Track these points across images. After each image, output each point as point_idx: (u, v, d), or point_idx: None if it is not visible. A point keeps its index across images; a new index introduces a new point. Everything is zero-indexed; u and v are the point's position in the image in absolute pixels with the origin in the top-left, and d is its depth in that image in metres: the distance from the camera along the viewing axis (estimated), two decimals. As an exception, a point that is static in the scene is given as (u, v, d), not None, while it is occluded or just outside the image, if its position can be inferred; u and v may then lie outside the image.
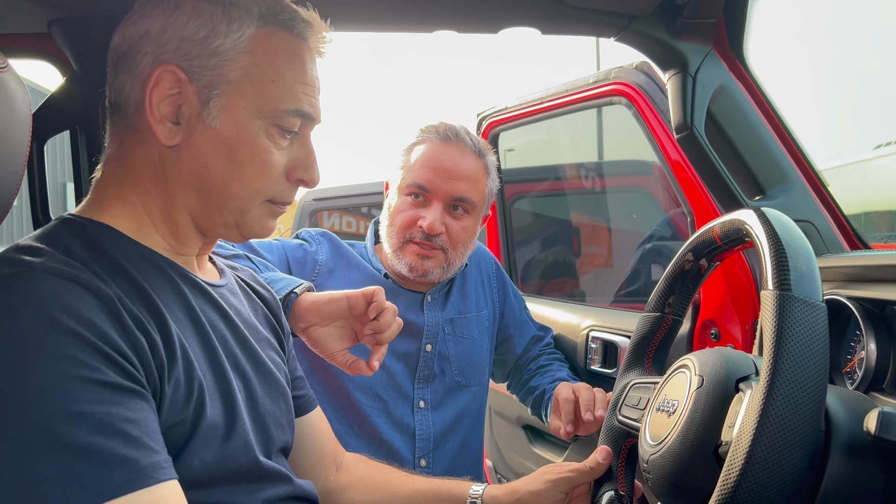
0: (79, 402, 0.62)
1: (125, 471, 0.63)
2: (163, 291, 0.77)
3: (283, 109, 0.80)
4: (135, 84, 0.78)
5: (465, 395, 1.56)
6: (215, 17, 0.77)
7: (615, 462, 1.07)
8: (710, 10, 1.24)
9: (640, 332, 1.11)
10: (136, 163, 0.80)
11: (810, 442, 0.68)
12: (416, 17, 1.26)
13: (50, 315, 0.64)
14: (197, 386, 0.75)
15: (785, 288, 0.72)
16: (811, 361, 0.69)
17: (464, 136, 1.48)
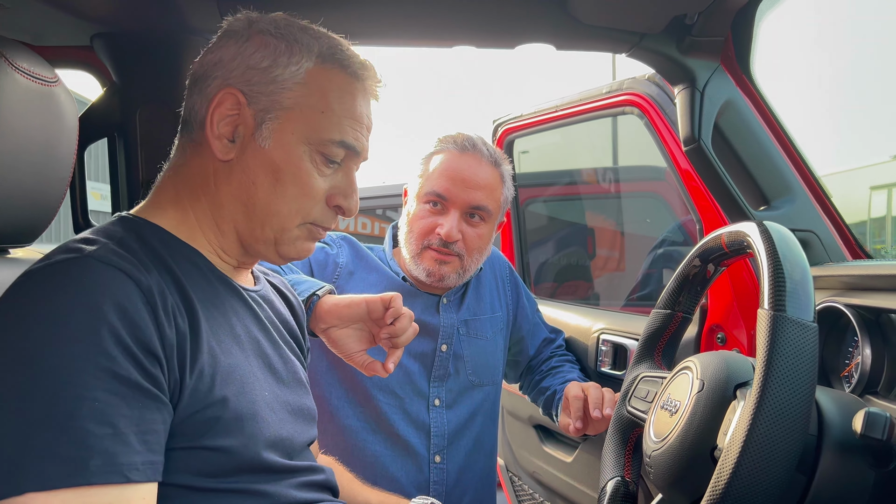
0: (86, 386, 0.66)
1: (103, 462, 0.66)
2: (199, 289, 0.83)
3: (328, 139, 0.87)
4: (203, 103, 0.86)
5: (478, 393, 1.61)
6: (279, 50, 0.85)
7: (623, 450, 1.13)
8: (718, 29, 1.29)
9: (650, 327, 1.16)
10: (193, 173, 0.88)
11: (795, 454, 0.74)
12: (437, 33, 1.32)
13: (90, 300, 0.69)
14: (220, 379, 0.79)
15: (779, 308, 0.77)
16: (798, 380, 0.74)
17: (480, 146, 1.53)
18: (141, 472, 0.69)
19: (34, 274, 0.73)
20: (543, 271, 2.91)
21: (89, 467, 0.65)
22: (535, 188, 2.97)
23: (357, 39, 1.34)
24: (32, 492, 0.63)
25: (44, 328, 0.67)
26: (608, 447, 1.16)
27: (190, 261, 0.85)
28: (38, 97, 0.97)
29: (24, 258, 1.05)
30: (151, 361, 0.72)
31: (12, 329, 0.68)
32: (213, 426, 0.78)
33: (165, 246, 0.83)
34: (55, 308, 0.68)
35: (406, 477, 1.51)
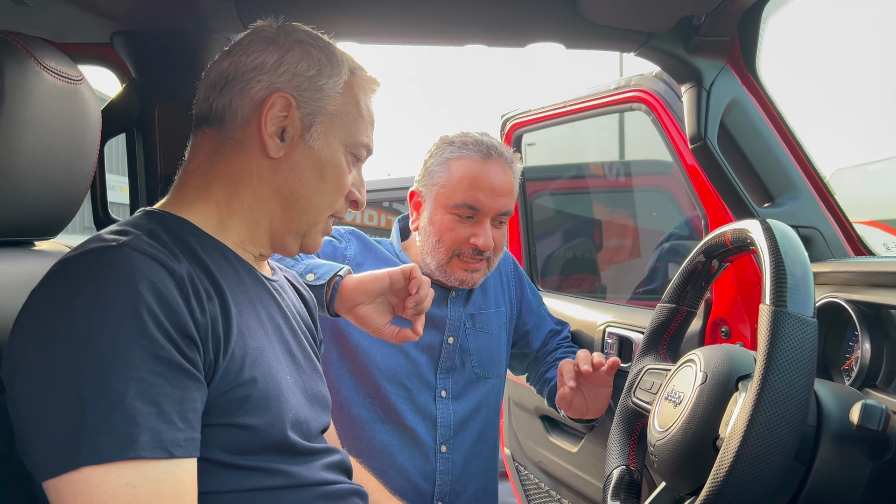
0: (133, 367, 0.71)
1: (150, 437, 0.70)
2: (227, 276, 0.87)
3: (358, 142, 0.97)
4: (244, 103, 0.90)
5: (483, 386, 1.64)
6: (322, 61, 0.93)
7: (628, 440, 1.16)
8: (725, 29, 1.31)
9: (656, 320, 1.19)
10: (231, 169, 0.92)
11: (793, 444, 0.77)
12: (449, 32, 1.35)
13: (131, 285, 0.73)
14: (249, 361, 0.84)
15: (780, 304, 0.80)
16: (797, 373, 0.77)
17: (502, 151, 1.55)
18: (183, 448, 0.73)
19: (72, 262, 0.76)
20: (551, 264, 2.93)
21: (139, 442, 0.69)
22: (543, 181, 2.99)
23: (370, 39, 1.38)
24: (88, 465, 0.68)
25: (90, 314, 0.71)
26: (613, 437, 1.19)
27: (217, 250, 0.89)
28: (65, 95, 1.00)
29: (48, 250, 1.08)
30: (188, 344, 0.76)
31: (59, 314, 0.72)
32: (242, 405, 0.82)
33: (193, 237, 0.87)
34: (99, 294, 0.72)
35: (413, 466, 1.54)
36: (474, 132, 1.57)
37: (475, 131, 1.58)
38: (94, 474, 0.68)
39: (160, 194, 1.38)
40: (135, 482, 0.69)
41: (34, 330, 0.73)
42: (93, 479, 0.68)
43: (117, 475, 0.69)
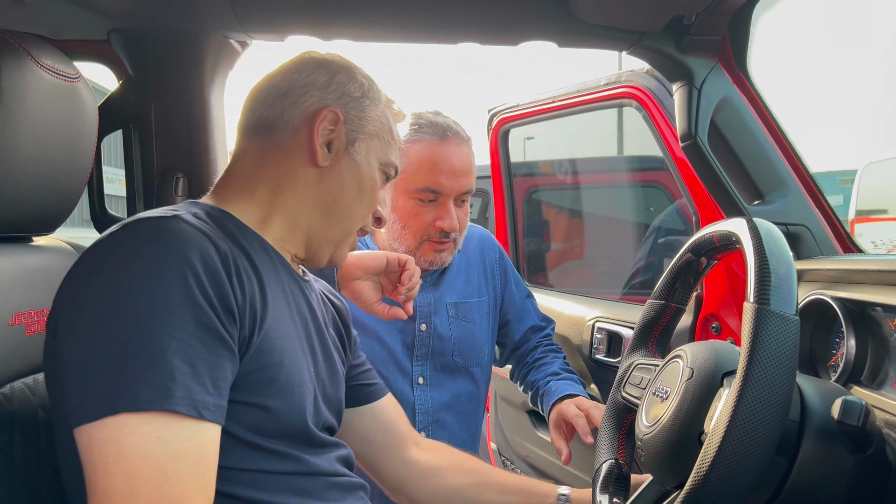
0: (176, 327, 0.74)
1: (184, 395, 0.73)
2: (264, 264, 0.92)
3: (390, 161, 1.04)
4: (296, 114, 0.97)
5: (463, 374, 1.65)
6: (365, 86, 1.01)
7: (617, 434, 1.17)
8: (716, 28, 1.32)
9: (646, 317, 1.20)
10: (277, 173, 0.97)
11: (774, 438, 0.78)
12: (443, 31, 1.36)
13: (182, 252, 0.78)
14: (280, 345, 0.88)
15: (763, 302, 0.81)
16: (779, 369, 0.78)
17: (457, 130, 1.54)
18: (212, 413, 0.76)
19: (128, 226, 0.81)
20: (542, 260, 2.94)
21: (175, 396, 0.73)
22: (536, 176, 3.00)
23: (364, 37, 1.39)
24: (126, 412, 0.71)
25: (142, 272, 0.76)
26: (603, 431, 1.21)
27: (257, 241, 0.94)
28: (62, 93, 1.01)
29: (46, 245, 1.09)
30: (228, 316, 0.80)
31: (113, 269, 0.77)
32: (267, 386, 0.86)
33: (235, 226, 0.92)
34: (152, 255, 0.77)
35: None
36: (427, 112, 1.56)
37: (427, 111, 1.57)
38: (128, 423, 0.71)
39: (156, 191, 1.40)
40: (165, 436, 0.72)
41: (86, 282, 0.78)
42: (127, 428, 0.71)
43: (150, 427, 0.72)
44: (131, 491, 0.70)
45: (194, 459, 0.74)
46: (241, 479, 0.85)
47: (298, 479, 0.91)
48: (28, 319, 0.98)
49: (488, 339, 1.73)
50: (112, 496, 0.70)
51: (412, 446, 1.25)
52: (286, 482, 0.89)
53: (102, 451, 0.71)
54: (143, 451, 0.71)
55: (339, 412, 1.07)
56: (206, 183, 1.40)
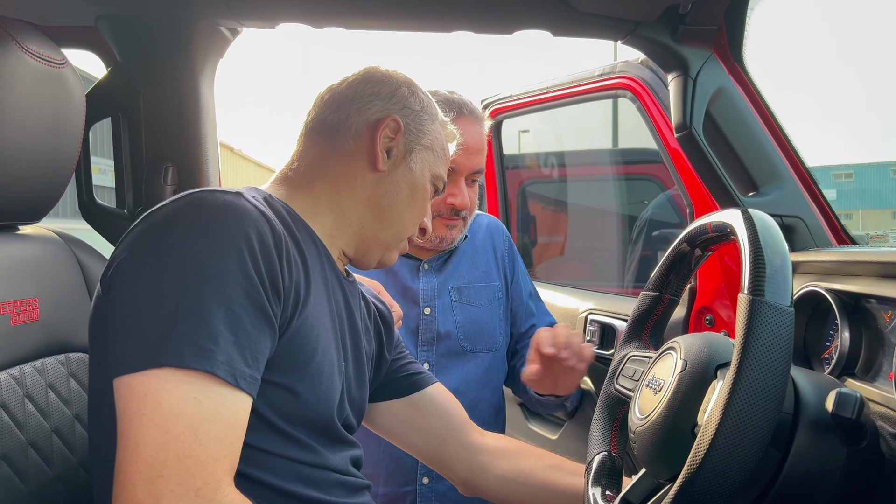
0: (227, 296, 0.77)
1: (224, 360, 0.76)
2: (311, 254, 0.95)
3: (440, 175, 1.10)
4: (360, 120, 1.02)
5: (470, 360, 1.62)
6: (425, 102, 1.08)
7: (610, 426, 1.17)
8: (712, 18, 1.31)
9: (639, 308, 1.19)
10: (337, 172, 1.02)
11: (768, 431, 0.77)
12: (436, 19, 1.34)
13: (241, 226, 0.81)
14: (315, 332, 0.91)
15: (758, 293, 0.80)
16: (773, 361, 0.77)
17: (473, 108, 1.55)
18: (247, 383, 0.78)
19: (194, 195, 0.84)
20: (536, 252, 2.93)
21: (216, 360, 0.75)
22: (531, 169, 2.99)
23: (357, 25, 1.38)
24: (169, 367, 0.73)
25: (202, 238, 0.79)
26: (596, 423, 1.20)
27: (307, 232, 0.98)
28: (48, 79, 0.99)
29: (32, 234, 1.08)
30: (275, 295, 0.83)
31: (175, 232, 0.80)
32: (299, 370, 0.89)
33: (289, 215, 0.95)
34: (213, 224, 0.80)
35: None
36: (441, 91, 1.56)
37: (443, 89, 1.57)
38: (169, 379, 0.73)
39: (146, 179, 1.38)
40: (201, 398, 0.74)
41: (145, 243, 0.81)
42: (167, 384, 0.73)
43: (189, 387, 0.74)
44: (162, 445, 0.71)
45: (225, 425, 0.76)
46: (257, 460, 0.86)
47: (311, 470, 0.93)
48: (13, 309, 0.97)
49: (501, 324, 1.69)
50: (142, 447, 0.71)
51: (474, 432, 1.26)
52: (299, 471, 0.91)
53: (141, 402, 0.73)
54: (179, 409, 0.73)
55: (360, 412, 1.09)
56: (195, 172, 1.39)
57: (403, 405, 1.22)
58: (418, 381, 1.24)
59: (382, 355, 1.20)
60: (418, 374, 1.24)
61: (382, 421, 1.24)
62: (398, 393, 1.22)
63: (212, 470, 0.73)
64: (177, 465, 0.71)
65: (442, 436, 1.23)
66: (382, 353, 1.20)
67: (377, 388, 1.21)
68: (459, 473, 1.23)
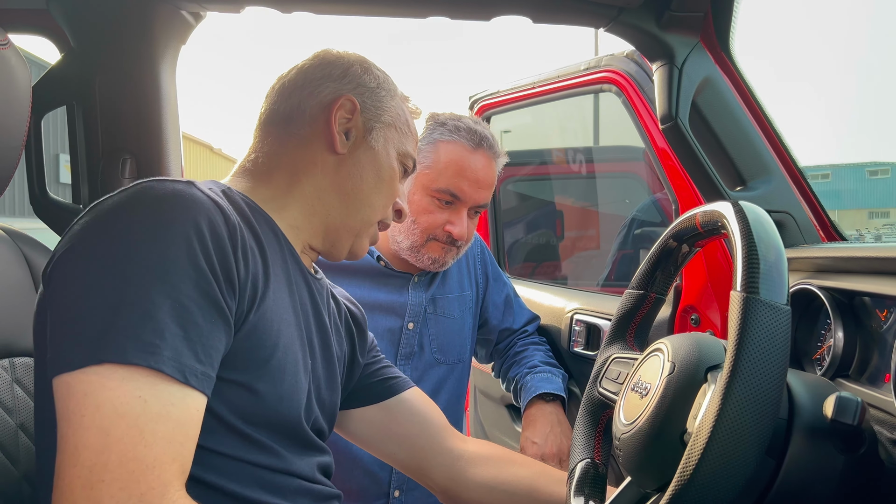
0: (174, 288, 0.73)
1: (172, 356, 0.71)
2: (272, 248, 0.90)
3: (408, 152, 1.05)
4: (313, 104, 0.98)
5: (442, 371, 1.62)
6: (381, 78, 1.03)
7: (593, 431, 1.11)
8: (698, 4, 1.26)
9: (623, 307, 1.14)
10: (295, 160, 0.98)
11: (765, 438, 0.72)
12: (410, 3, 1.28)
13: (191, 216, 0.76)
14: (276, 328, 0.86)
15: (752, 291, 0.75)
16: (770, 364, 0.72)
17: (492, 143, 1.53)
18: (199, 381, 0.74)
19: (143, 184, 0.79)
20: (520, 251, 2.90)
21: (162, 356, 0.71)
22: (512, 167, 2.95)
23: (326, 9, 1.31)
24: (110, 363, 0.69)
25: (148, 228, 0.74)
26: (578, 428, 1.15)
27: (269, 226, 0.93)
28: None
29: (-27, 230, 1.01)
30: (229, 288, 0.78)
31: (118, 222, 0.75)
32: (259, 368, 0.84)
33: (249, 207, 0.91)
34: (160, 214, 0.75)
35: (368, 455, 1.50)
36: (467, 118, 1.55)
37: (468, 117, 1.56)
38: (111, 376, 0.69)
39: (102, 172, 1.30)
40: (147, 396, 0.70)
41: (86, 234, 0.76)
42: (108, 382, 0.69)
43: (133, 384, 0.69)
44: (103, 447, 0.67)
45: (174, 425, 0.71)
46: (212, 463, 0.81)
47: (273, 476, 0.88)
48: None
49: (470, 334, 1.70)
50: (82, 452, 0.67)
51: (454, 438, 1.20)
52: (260, 476, 0.86)
53: (80, 403, 0.68)
54: (121, 408, 0.68)
55: (331, 416, 1.04)
56: (155, 164, 1.31)
57: (378, 411, 1.17)
58: (393, 386, 1.18)
59: (355, 359, 1.14)
60: (393, 379, 1.19)
61: (357, 428, 1.18)
62: (372, 399, 1.16)
63: (158, 473, 0.68)
64: (119, 468, 0.67)
65: (420, 443, 1.17)
66: (355, 356, 1.14)
67: (350, 393, 1.16)
68: (439, 482, 1.18)
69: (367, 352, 1.18)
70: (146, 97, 1.30)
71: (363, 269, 1.55)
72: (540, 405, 1.58)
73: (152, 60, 1.30)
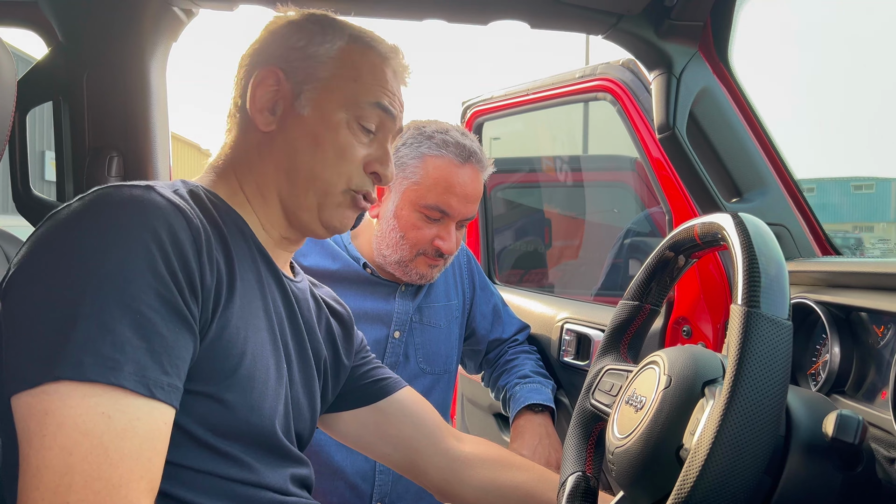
0: (133, 298, 0.70)
1: (134, 370, 0.68)
2: (241, 253, 0.87)
3: (364, 101, 0.92)
4: (241, 87, 0.94)
5: (427, 381, 1.60)
6: (313, 31, 0.93)
7: (585, 444, 1.09)
8: (697, 13, 1.25)
9: (617, 318, 1.13)
10: (239, 148, 0.94)
11: (765, 457, 0.71)
12: (409, 5, 1.26)
13: (149, 221, 0.73)
14: (243, 335, 0.83)
15: (753, 305, 0.74)
16: (770, 380, 0.71)
17: (479, 156, 1.51)
18: (165, 393, 0.71)
19: (98, 192, 0.76)
20: (509, 259, 2.88)
21: (123, 371, 0.68)
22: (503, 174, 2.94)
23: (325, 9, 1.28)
24: (67, 380, 0.66)
25: (103, 236, 0.71)
26: (570, 441, 1.13)
27: (237, 227, 0.89)
28: None
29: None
30: (191, 293, 0.75)
31: (72, 232, 0.72)
32: (227, 378, 0.80)
33: (216, 208, 0.87)
34: (116, 221, 0.72)
35: (351, 466, 1.50)
36: (454, 129, 1.52)
37: (454, 127, 1.54)
38: (71, 394, 0.66)
39: (87, 169, 1.27)
40: (111, 412, 0.67)
41: (41, 245, 0.73)
42: (69, 400, 0.66)
43: (94, 401, 0.66)
44: (66, 468, 0.64)
45: (141, 440, 0.69)
46: (181, 478, 0.78)
47: (244, 489, 0.84)
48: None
49: (457, 344, 1.68)
50: (45, 473, 0.64)
51: (450, 438, 1.18)
52: (231, 489, 0.83)
53: (41, 422, 0.65)
54: (84, 426, 0.66)
55: (311, 423, 1.00)
56: (142, 163, 1.28)
57: (371, 413, 1.14)
58: (385, 387, 1.16)
59: (340, 361, 1.10)
60: (385, 380, 1.16)
61: (349, 430, 1.15)
62: (364, 400, 1.14)
63: (125, 493, 0.66)
64: (84, 489, 0.64)
65: (415, 444, 1.15)
66: (339, 358, 1.10)
67: (340, 396, 1.13)
68: (435, 482, 1.16)
69: (354, 353, 1.14)
70: (135, 94, 1.28)
71: (349, 276, 1.53)
72: (529, 416, 1.56)
73: (142, 57, 1.27)
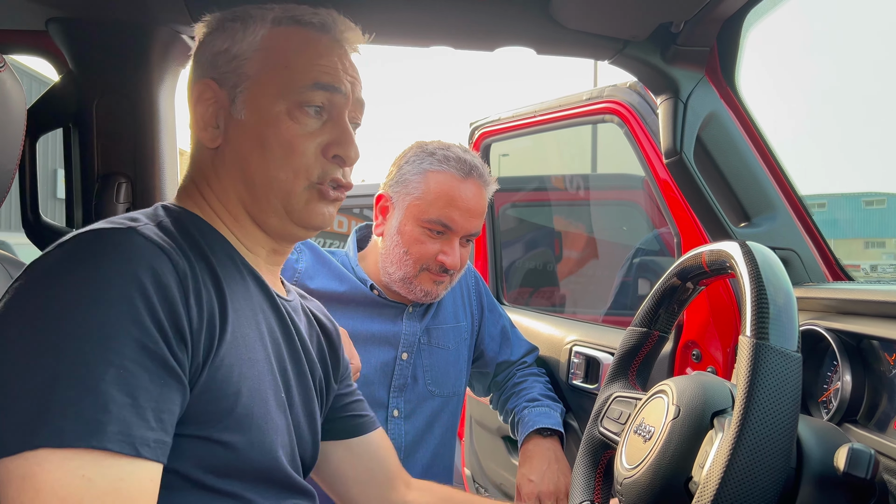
0: (115, 352, 0.66)
1: (119, 430, 0.65)
2: (232, 281, 0.83)
3: (300, 85, 0.87)
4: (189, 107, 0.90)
5: (436, 403, 1.59)
6: (235, 29, 0.89)
7: (593, 472, 1.08)
8: (704, 39, 1.25)
9: (626, 345, 1.12)
10: (198, 167, 0.91)
11: (775, 491, 0.70)
12: (415, 32, 1.27)
13: (130, 268, 0.70)
14: (237, 371, 0.79)
15: (762, 337, 0.73)
16: (780, 413, 0.70)
17: (482, 172, 1.51)
18: (151, 450, 0.68)
19: (76, 237, 0.73)
20: (518, 276, 2.87)
21: (107, 432, 0.64)
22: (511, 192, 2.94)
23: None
24: (47, 447, 0.63)
25: (82, 289, 0.68)
26: (578, 469, 1.12)
27: (226, 252, 0.86)
28: None
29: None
30: (178, 341, 0.72)
31: (50, 285, 0.69)
32: (223, 418, 0.77)
33: (203, 235, 0.84)
34: (95, 271, 0.69)
35: None
36: (456, 146, 1.53)
37: (456, 144, 1.54)
38: (49, 459, 0.63)
39: (97, 195, 1.28)
40: (92, 475, 0.64)
41: (20, 299, 0.69)
42: (47, 465, 0.63)
43: (75, 464, 0.63)
44: None
45: (124, 501, 0.65)
46: None
47: None
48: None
49: (465, 366, 1.67)
50: None
51: (401, 486, 1.13)
52: None
53: (19, 488, 0.62)
54: (62, 491, 0.63)
55: (314, 447, 0.97)
56: (151, 189, 1.29)
57: (340, 449, 1.09)
58: (361, 425, 1.11)
59: (329, 383, 1.05)
60: (362, 417, 1.12)
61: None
62: (338, 434, 1.09)
63: None
64: None
65: (366, 488, 1.10)
66: (329, 379, 1.04)
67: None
68: None
69: (340, 378, 1.10)
70: (144, 121, 1.28)
71: (356, 298, 1.53)
72: (537, 441, 1.55)
73: (151, 84, 1.28)
